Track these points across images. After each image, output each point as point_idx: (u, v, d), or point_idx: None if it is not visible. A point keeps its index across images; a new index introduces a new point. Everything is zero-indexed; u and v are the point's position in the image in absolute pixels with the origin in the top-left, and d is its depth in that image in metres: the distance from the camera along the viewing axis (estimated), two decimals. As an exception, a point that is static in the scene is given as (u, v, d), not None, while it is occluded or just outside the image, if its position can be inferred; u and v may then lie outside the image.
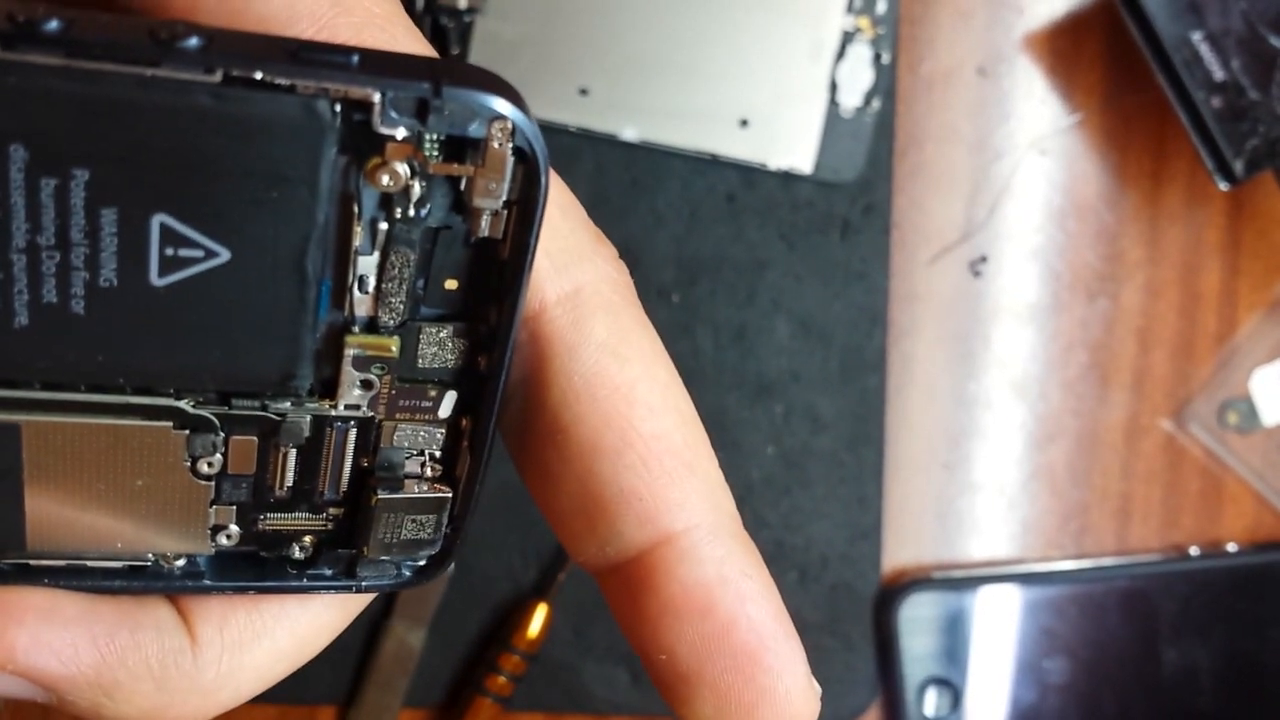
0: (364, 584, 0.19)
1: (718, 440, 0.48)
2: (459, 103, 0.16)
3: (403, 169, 0.16)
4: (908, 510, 0.49)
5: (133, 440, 0.17)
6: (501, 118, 0.16)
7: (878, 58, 0.47)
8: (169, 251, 0.15)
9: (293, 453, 0.18)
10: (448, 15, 0.46)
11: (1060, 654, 0.48)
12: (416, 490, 0.18)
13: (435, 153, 0.16)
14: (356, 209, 0.16)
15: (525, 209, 0.16)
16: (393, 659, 0.48)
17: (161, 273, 0.15)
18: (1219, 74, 0.43)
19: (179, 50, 0.14)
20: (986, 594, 0.48)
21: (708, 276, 0.48)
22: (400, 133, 0.15)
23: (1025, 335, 0.49)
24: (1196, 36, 0.42)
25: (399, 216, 0.16)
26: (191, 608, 0.19)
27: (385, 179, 0.16)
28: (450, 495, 0.19)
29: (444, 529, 0.19)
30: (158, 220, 0.15)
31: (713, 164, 0.47)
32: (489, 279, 0.17)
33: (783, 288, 0.48)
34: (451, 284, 0.17)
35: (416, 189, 0.16)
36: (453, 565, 0.45)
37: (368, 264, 0.16)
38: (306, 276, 0.16)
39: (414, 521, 0.19)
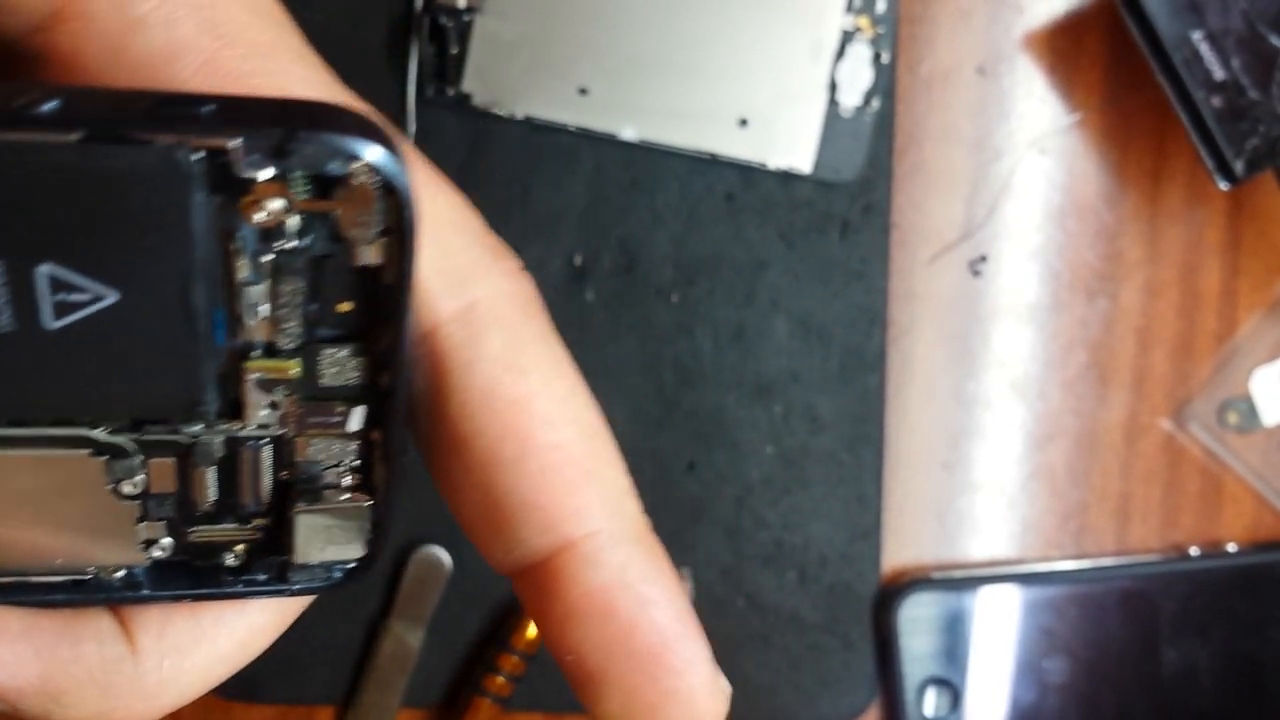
0: (296, 587, 0.20)
1: (718, 440, 0.49)
2: (315, 145, 0.16)
3: (276, 204, 0.16)
4: (907, 510, 0.49)
5: (54, 469, 0.18)
6: (356, 158, 0.16)
7: (877, 57, 0.46)
8: (60, 297, 0.16)
9: (210, 471, 0.19)
10: (447, 15, 0.46)
11: (1060, 654, 0.48)
12: (335, 500, 0.20)
13: (305, 189, 0.17)
14: (238, 243, 0.17)
15: (400, 238, 0.17)
16: (391, 659, 0.48)
17: (56, 316, 0.17)
18: (1219, 73, 0.43)
19: (37, 115, 0.15)
20: (986, 594, 0.47)
21: (707, 276, 0.48)
22: (264, 174, 0.16)
23: (1025, 335, 0.49)
24: (1196, 36, 0.42)
25: (281, 248, 0.17)
26: (132, 617, 0.20)
27: (259, 215, 0.16)
28: (370, 503, 0.20)
29: (367, 534, 0.20)
30: (45, 270, 0.16)
31: (712, 163, 0.47)
32: (379, 301, 0.18)
33: (782, 287, 0.48)
34: (345, 306, 0.18)
35: (294, 221, 0.17)
36: (450, 566, 0.44)
37: (259, 293, 0.17)
38: (194, 311, 0.17)
39: (336, 529, 0.20)
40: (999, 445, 0.49)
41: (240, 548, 0.20)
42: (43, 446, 0.18)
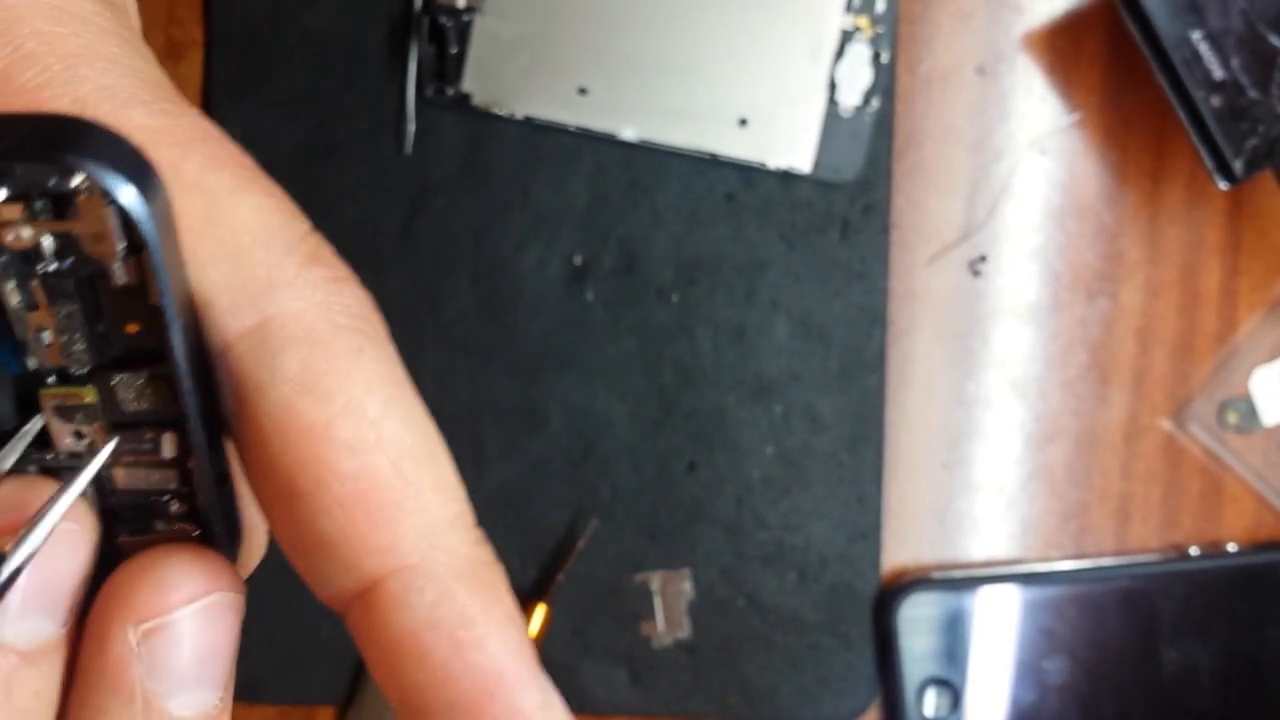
0: None
1: (717, 440, 0.49)
2: (29, 168, 0.15)
3: (25, 229, 0.16)
4: (907, 510, 0.49)
5: None
6: (73, 172, 0.15)
7: (877, 57, 0.46)
8: None
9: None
10: (446, 14, 0.46)
11: (1060, 654, 0.48)
12: (159, 529, 0.19)
13: (47, 210, 0.16)
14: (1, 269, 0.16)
15: (142, 254, 0.16)
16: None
17: None
18: (1219, 73, 0.43)
19: None
20: (986, 594, 0.47)
21: (707, 276, 0.48)
22: None
23: (1025, 335, 0.49)
24: (1196, 35, 0.42)
25: (43, 270, 0.16)
26: None
27: (8, 237, 0.16)
28: (196, 532, 0.19)
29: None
30: None
31: (712, 163, 0.47)
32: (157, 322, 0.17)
33: (782, 287, 0.48)
34: (132, 328, 0.17)
35: (49, 243, 0.16)
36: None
37: (40, 319, 0.17)
38: None
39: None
40: (999, 445, 0.49)
41: None
42: None
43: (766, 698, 0.48)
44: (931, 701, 0.48)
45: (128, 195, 0.15)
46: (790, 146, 0.47)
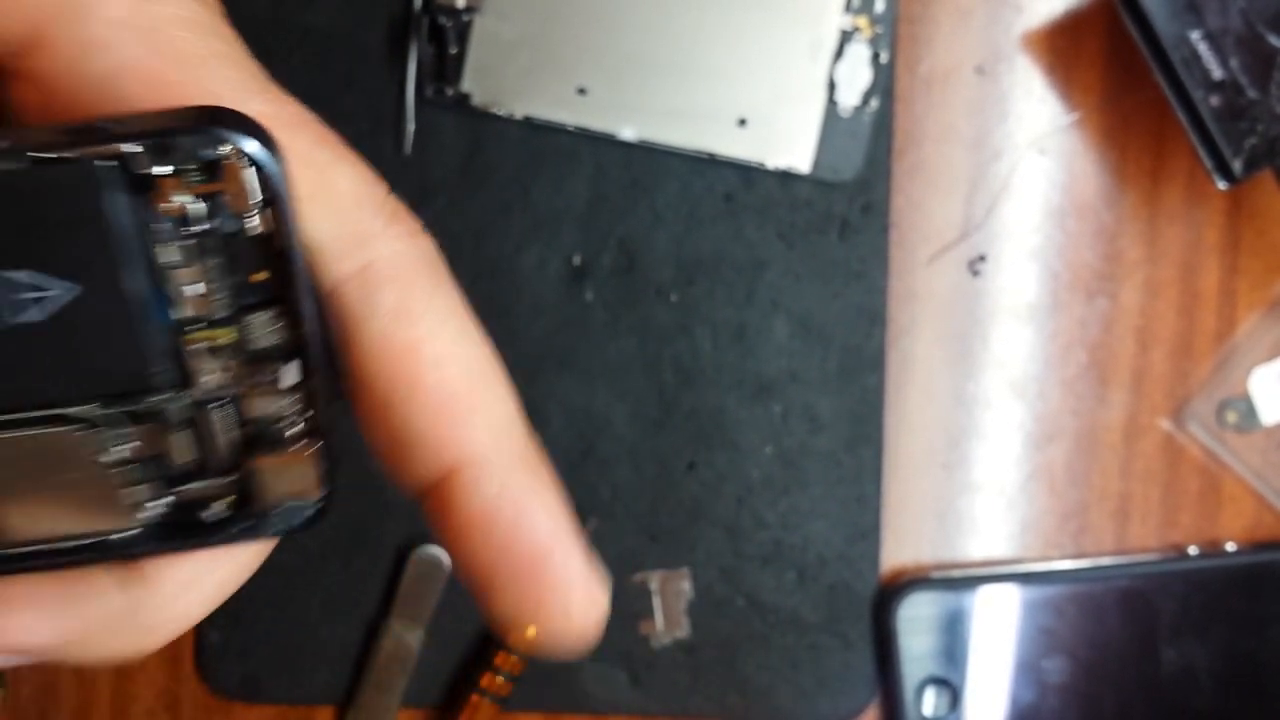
0: (272, 531, 0.23)
1: (717, 440, 0.49)
2: (192, 140, 0.21)
3: (180, 196, 0.21)
4: (906, 510, 0.49)
5: (37, 447, 0.22)
6: (224, 142, 0.21)
7: (876, 57, 0.46)
8: (26, 295, 0.20)
9: (181, 435, 0.22)
10: (446, 14, 0.46)
11: (1059, 654, 0.48)
12: (289, 450, 0.23)
13: (198, 177, 0.21)
14: (159, 232, 0.21)
15: (275, 204, 0.21)
16: (391, 659, 0.48)
17: (23, 313, 0.21)
18: (1218, 73, 0.43)
19: None
20: (985, 594, 0.48)
21: (706, 276, 0.48)
22: (161, 170, 0.20)
23: (1024, 335, 0.49)
24: (1195, 35, 0.42)
25: (195, 231, 0.21)
26: (130, 568, 0.23)
27: (166, 205, 0.21)
28: (318, 445, 0.23)
29: (322, 475, 0.23)
30: (10, 274, 0.20)
31: (711, 163, 0.47)
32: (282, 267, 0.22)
33: (781, 287, 0.48)
34: (260, 276, 0.22)
35: (199, 207, 0.21)
36: (449, 566, 0.44)
37: (190, 274, 0.21)
38: (130, 294, 0.21)
39: (294, 473, 0.23)
40: (998, 445, 0.49)
41: (221, 502, 0.23)
42: (29, 428, 0.22)
43: (765, 697, 0.48)
44: (930, 701, 0.48)
45: (264, 158, 0.21)
46: (789, 146, 0.47)
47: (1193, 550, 0.48)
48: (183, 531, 0.23)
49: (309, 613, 0.48)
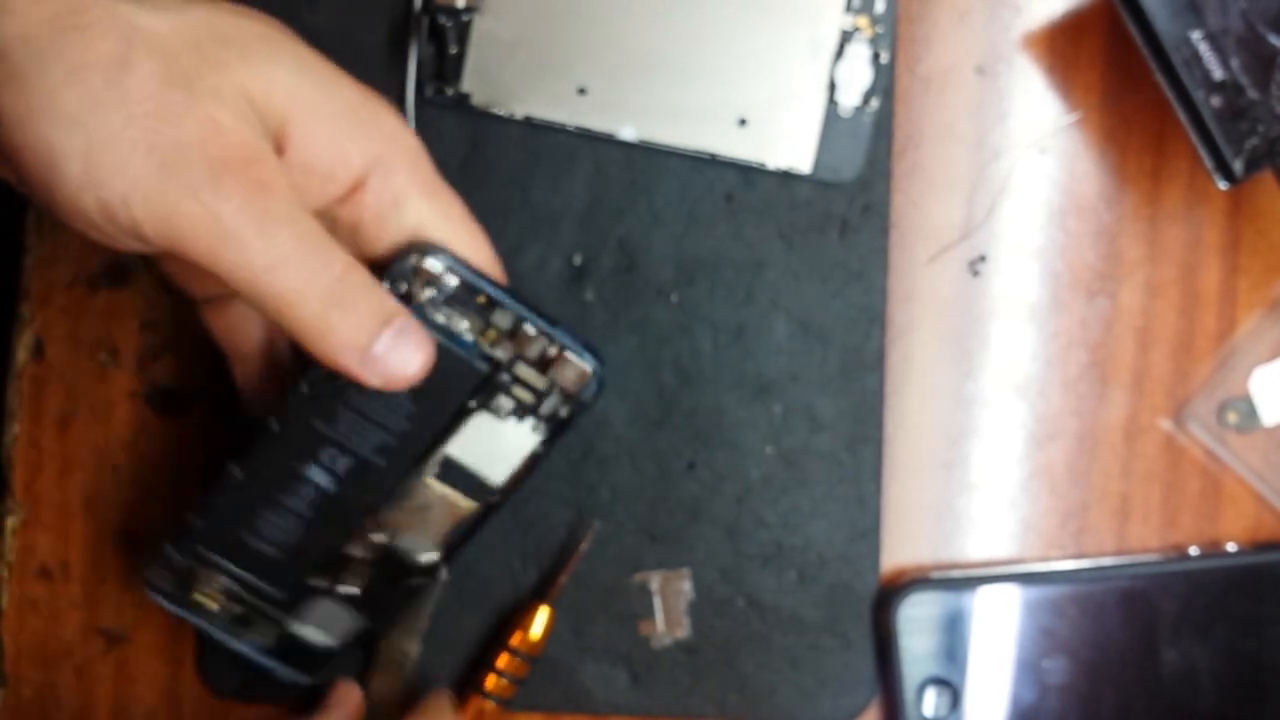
0: (590, 395, 0.43)
1: (717, 440, 0.49)
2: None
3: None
4: (906, 510, 0.49)
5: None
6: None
7: (876, 57, 0.46)
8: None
9: (535, 375, 0.42)
10: (445, 15, 0.46)
11: (1060, 654, 0.48)
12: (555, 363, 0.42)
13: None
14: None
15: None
16: (391, 662, 0.48)
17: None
18: (1218, 73, 0.43)
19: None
20: (985, 594, 0.47)
21: (706, 276, 0.48)
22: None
23: (1024, 335, 0.49)
24: (1195, 35, 0.42)
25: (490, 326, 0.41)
26: None
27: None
28: (570, 358, 0.42)
29: (586, 372, 0.42)
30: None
31: (711, 163, 0.47)
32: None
33: (781, 287, 0.48)
34: (495, 311, 0.42)
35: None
36: (446, 573, 0.44)
37: (490, 338, 0.42)
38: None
39: (571, 369, 0.42)
40: (999, 445, 0.49)
41: (555, 397, 0.43)
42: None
43: (766, 697, 0.48)
44: (931, 701, 0.48)
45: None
46: (790, 146, 0.47)
47: (1193, 551, 0.48)
48: (554, 422, 0.42)
49: (309, 613, 0.48)
